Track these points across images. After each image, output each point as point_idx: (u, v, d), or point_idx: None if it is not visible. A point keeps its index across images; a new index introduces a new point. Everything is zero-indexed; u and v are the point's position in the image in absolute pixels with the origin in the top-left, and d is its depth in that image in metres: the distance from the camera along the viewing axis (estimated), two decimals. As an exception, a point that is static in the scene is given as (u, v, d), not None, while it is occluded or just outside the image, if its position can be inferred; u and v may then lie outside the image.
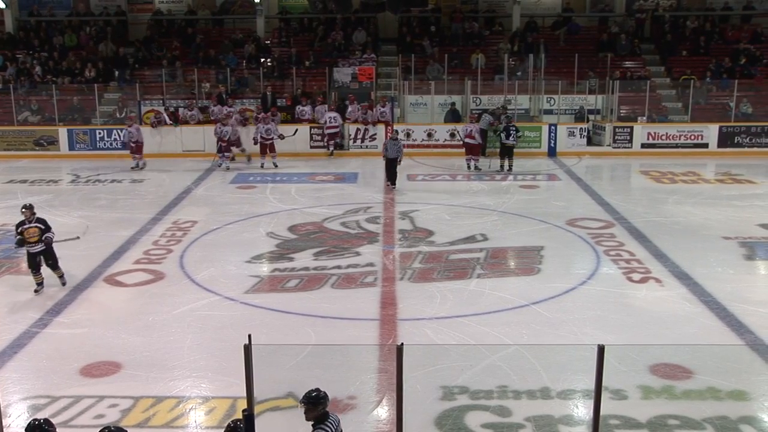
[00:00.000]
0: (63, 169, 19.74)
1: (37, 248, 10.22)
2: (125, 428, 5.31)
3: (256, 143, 19.61)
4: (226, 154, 19.58)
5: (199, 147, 21.08)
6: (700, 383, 7.54)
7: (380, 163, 20.13)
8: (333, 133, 21.01)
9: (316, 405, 5.10)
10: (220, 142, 19.51)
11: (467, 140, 19.21)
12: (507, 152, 18.95)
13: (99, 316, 9.48)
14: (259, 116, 20.38)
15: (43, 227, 10.23)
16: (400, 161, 16.61)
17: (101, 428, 5.06)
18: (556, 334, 8.82)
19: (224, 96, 22.01)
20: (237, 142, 20.03)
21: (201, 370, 7.91)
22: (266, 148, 19.43)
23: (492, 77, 23.22)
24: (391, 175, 16.75)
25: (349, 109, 21.49)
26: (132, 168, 19.24)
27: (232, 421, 5.18)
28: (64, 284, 10.45)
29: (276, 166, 19.40)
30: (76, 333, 8.95)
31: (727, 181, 17.88)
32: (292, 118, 21.55)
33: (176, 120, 21.28)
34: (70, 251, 12.13)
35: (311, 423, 5.13)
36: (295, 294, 10.21)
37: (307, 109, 21.40)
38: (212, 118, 21.30)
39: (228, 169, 19.30)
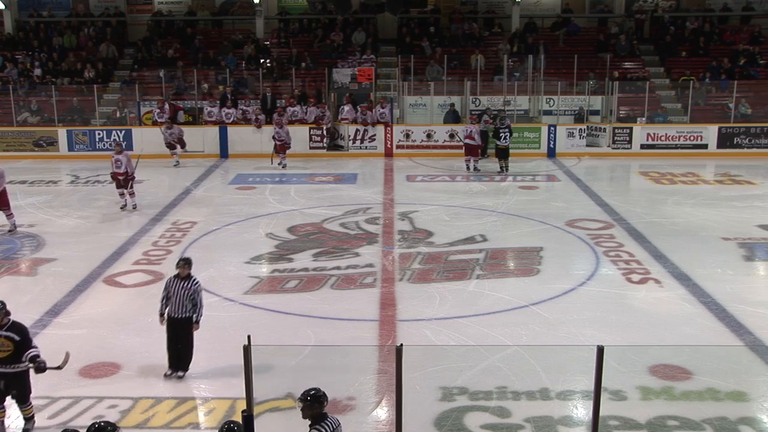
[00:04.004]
0: (62, 170, 19.74)
1: (5, 370, 6.62)
2: (119, 426, 5.17)
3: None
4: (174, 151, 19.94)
5: (198, 148, 21.09)
6: (699, 384, 7.54)
7: (379, 163, 20.25)
8: (327, 128, 21.32)
9: (312, 403, 5.09)
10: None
11: (467, 141, 19.22)
12: (502, 153, 18.96)
13: (98, 317, 9.48)
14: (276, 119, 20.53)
15: (18, 339, 6.65)
16: (197, 321, 7.91)
17: (91, 423, 4.84)
18: (555, 334, 8.82)
19: (228, 96, 22.02)
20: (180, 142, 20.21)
21: (200, 371, 7.91)
22: (277, 148, 19.56)
23: (491, 78, 23.23)
24: (177, 358, 7.85)
25: (347, 109, 21.51)
26: (121, 208, 15.10)
27: (226, 423, 5.16)
28: (28, 430, 6.83)
29: (283, 166, 19.45)
30: (75, 334, 8.94)
31: (727, 181, 17.89)
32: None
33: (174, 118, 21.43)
34: (69, 252, 12.18)
35: (309, 423, 5.13)
36: (295, 295, 10.21)
37: (298, 109, 21.45)
38: (208, 119, 21.36)
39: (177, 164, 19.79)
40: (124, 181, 15.00)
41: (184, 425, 6.96)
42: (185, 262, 7.99)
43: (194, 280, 7.91)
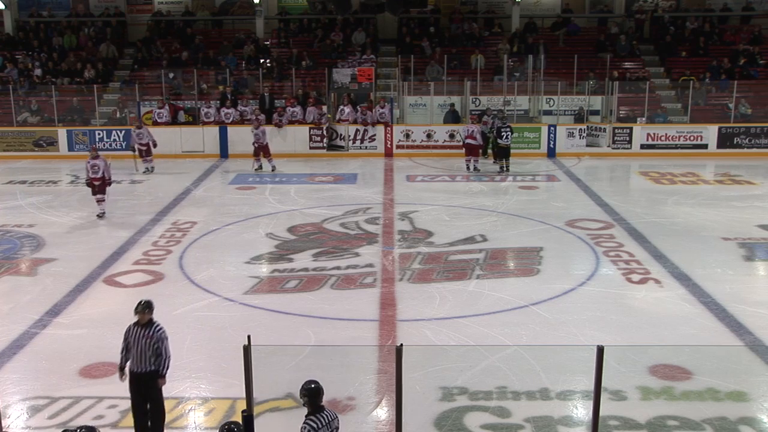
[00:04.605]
0: (62, 170, 19.73)
1: None
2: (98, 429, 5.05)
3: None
4: (147, 158, 19.00)
5: (198, 148, 21.11)
6: (699, 384, 7.54)
7: (379, 163, 20.24)
8: (326, 128, 21.34)
9: (304, 396, 5.28)
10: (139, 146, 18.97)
11: (468, 141, 19.20)
12: (503, 153, 18.98)
13: (98, 317, 9.47)
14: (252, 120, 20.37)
15: None
16: (163, 375, 6.71)
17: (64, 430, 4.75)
18: (555, 335, 8.81)
19: (227, 96, 22.05)
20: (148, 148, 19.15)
21: (200, 371, 7.91)
22: (256, 151, 19.06)
23: (491, 78, 23.24)
24: (146, 421, 6.69)
25: (347, 111, 21.51)
26: (98, 216, 14.41)
27: (226, 423, 5.17)
28: None
29: (272, 168, 19.13)
30: (75, 334, 8.95)
31: (727, 181, 17.89)
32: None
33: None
34: (69, 252, 12.18)
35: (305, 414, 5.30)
36: (295, 295, 10.21)
37: (298, 110, 21.47)
38: (206, 120, 21.37)
39: (148, 171, 18.97)
40: (100, 186, 14.24)
41: (184, 425, 6.96)
42: (145, 307, 6.70)
43: (157, 326, 6.67)
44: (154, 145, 19.22)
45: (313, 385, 5.32)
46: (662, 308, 9.68)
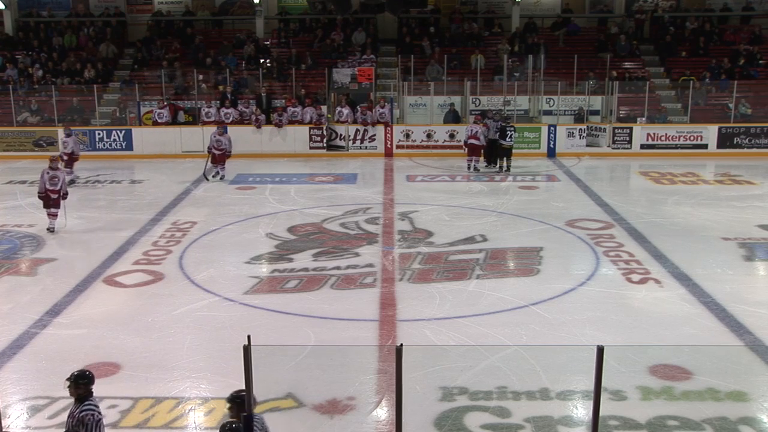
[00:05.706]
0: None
1: None
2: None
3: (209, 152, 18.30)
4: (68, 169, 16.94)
5: (198, 148, 21.09)
6: (699, 384, 7.54)
7: (379, 163, 20.23)
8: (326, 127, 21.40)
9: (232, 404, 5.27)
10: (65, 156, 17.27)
11: (471, 141, 19.16)
12: (505, 153, 18.98)
13: (98, 317, 9.47)
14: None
15: None
16: None
17: None
18: (555, 335, 8.81)
19: (228, 96, 22.06)
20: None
21: (200, 371, 7.91)
22: (216, 158, 18.20)
23: (491, 78, 23.26)
24: None
25: (345, 112, 21.51)
26: (50, 230, 13.15)
27: (226, 423, 5.17)
28: None
29: (221, 177, 18.17)
30: (75, 334, 8.94)
31: (727, 181, 17.89)
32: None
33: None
34: (69, 252, 12.19)
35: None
36: (295, 295, 10.21)
37: (298, 110, 21.50)
38: (206, 119, 21.35)
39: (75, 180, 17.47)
40: (56, 200, 13.20)
41: (184, 425, 6.96)
42: (73, 380, 5.45)
43: (84, 407, 5.34)
44: (75, 158, 17.79)
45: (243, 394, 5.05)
46: (662, 308, 9.68)
